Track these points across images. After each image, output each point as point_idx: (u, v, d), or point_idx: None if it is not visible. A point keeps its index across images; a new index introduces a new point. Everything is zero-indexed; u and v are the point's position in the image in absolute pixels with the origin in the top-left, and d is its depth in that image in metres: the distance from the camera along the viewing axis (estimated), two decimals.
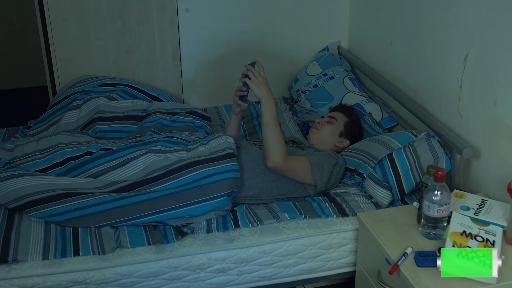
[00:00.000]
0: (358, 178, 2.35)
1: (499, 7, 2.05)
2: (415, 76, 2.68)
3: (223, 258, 2.14)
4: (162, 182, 2.22)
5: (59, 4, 2.94)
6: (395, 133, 2.51)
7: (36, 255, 2.04)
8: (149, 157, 2.31)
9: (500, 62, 2.08)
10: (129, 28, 3.07)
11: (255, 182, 2.31)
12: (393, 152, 2.29)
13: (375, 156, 2.31)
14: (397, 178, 2.27)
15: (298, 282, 2.30)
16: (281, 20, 3.26)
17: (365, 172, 2.31)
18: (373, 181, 2.29)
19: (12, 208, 2.20)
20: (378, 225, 2.04)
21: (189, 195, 2.18)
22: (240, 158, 2.32)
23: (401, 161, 2.28)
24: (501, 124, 2.10)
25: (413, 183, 2.29)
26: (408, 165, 2.28)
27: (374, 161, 2.30)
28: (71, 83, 2.98)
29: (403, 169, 2.28)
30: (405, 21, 2.73)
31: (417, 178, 2.28)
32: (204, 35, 3.19)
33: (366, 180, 2.32)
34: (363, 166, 2.34)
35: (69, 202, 2.16)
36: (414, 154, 2.30)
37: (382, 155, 2.29)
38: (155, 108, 2.83)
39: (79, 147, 2.42)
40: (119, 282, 2.07)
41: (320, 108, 2.99)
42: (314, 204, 2.32)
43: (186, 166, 2.25)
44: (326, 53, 3.27)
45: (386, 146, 2.32)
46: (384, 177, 2.28)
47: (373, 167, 2.29)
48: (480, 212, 2.00)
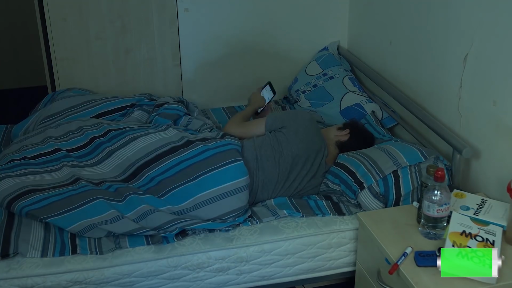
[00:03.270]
0: (356, 186, 2.27)
1: (499, 8, 2.05)
2: (415, 76, 2.68)
3: (222, 257, 2.14)
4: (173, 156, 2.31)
5: (59, 4, 2.94)
6: (404, 145, 2.38)
7: (36, 252, 2.04)
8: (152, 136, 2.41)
9: (500, 62, 2.07)
10: (129, 28, 3.07)
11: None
12: (399, 170, 2.22)
13: (381, 169, 2.23)
14: (397, 197, 2.22)
15: (298, 281, 2.30)
16: (281, 20, 3.26)
17: (366, 182, 2.24)
18: (372, 193, 2.24)
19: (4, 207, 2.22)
20: (378, 225, 2.04)
21: (202, 165, 2.27)
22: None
23: (405, 182, 2.22)
24: (501, 124, 2.10)
25: (409, 203, 2.22)
26: (411, 187, 2.21)
27: (379, 175, 2.22)
28: (60, 107, 2.80)
29: (405, 190, 2.21)
30: (405, 21, 2.73)
31: (415, 199, 2.21)
32: (204, 35, 3.19)
33: (364, 190, 2.25)
34: (367, 175, 2.25)
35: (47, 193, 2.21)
36: (418, 176, 2.22)
37: (388, 170, 2.22)
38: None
39: (99, 128, 2.52)
40: (119, 281, 2.07)
41: (319, 108, 2.99)
42: (311, 202, 2.32)
43: (190, 142, 2.36)
44: (326, 53, 3.27)
45: (393, 159, 2.24)
46: (385, 193, 2.22)
47: (377, 181, 2.23)
48: (480, 212, 2.00)
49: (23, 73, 4.55)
